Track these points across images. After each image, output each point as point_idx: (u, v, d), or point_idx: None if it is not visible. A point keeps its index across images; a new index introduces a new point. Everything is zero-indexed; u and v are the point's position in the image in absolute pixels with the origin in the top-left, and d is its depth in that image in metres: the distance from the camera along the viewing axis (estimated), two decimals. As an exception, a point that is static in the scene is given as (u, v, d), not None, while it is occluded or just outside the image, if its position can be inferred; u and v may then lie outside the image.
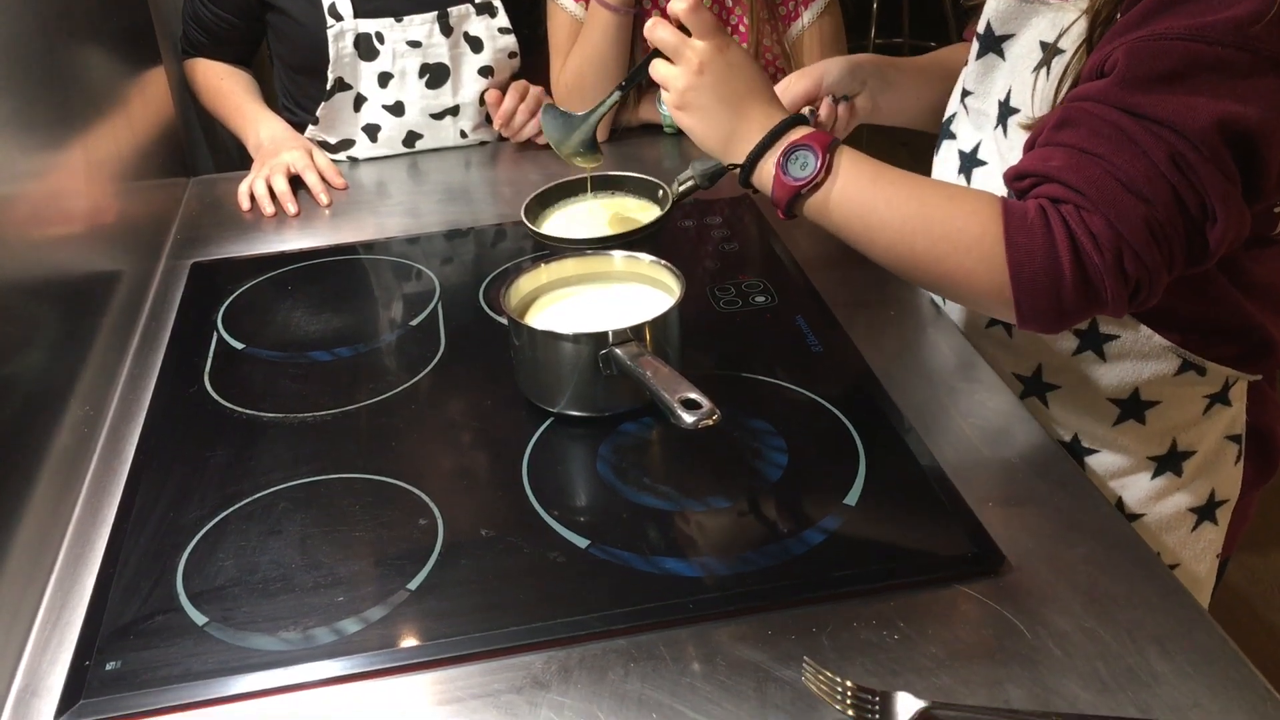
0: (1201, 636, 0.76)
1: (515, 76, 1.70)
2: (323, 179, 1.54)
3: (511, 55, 1.66)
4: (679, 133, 1.31)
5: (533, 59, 1.71)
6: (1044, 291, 0.84)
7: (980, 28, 1.02)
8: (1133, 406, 1.02)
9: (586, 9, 1.59)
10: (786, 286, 1.22)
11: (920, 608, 0.80)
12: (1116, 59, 0.83)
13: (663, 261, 1.07)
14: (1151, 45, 0.81)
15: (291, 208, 1.49)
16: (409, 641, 0.79)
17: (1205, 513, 1.07)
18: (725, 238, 1.33)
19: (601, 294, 1.09)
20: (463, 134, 1.68)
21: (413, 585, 0.83)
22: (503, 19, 1.63)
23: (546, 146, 1.63)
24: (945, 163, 1.12)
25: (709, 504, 0.90)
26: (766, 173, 0.94)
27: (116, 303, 1.18)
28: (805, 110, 1.11)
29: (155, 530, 0.91)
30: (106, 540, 0.91)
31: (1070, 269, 0.83)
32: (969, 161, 1.07)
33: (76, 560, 0.89)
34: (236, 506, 0.93)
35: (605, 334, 0.95)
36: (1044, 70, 0.94)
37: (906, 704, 0.71)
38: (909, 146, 1.96)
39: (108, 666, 0.78)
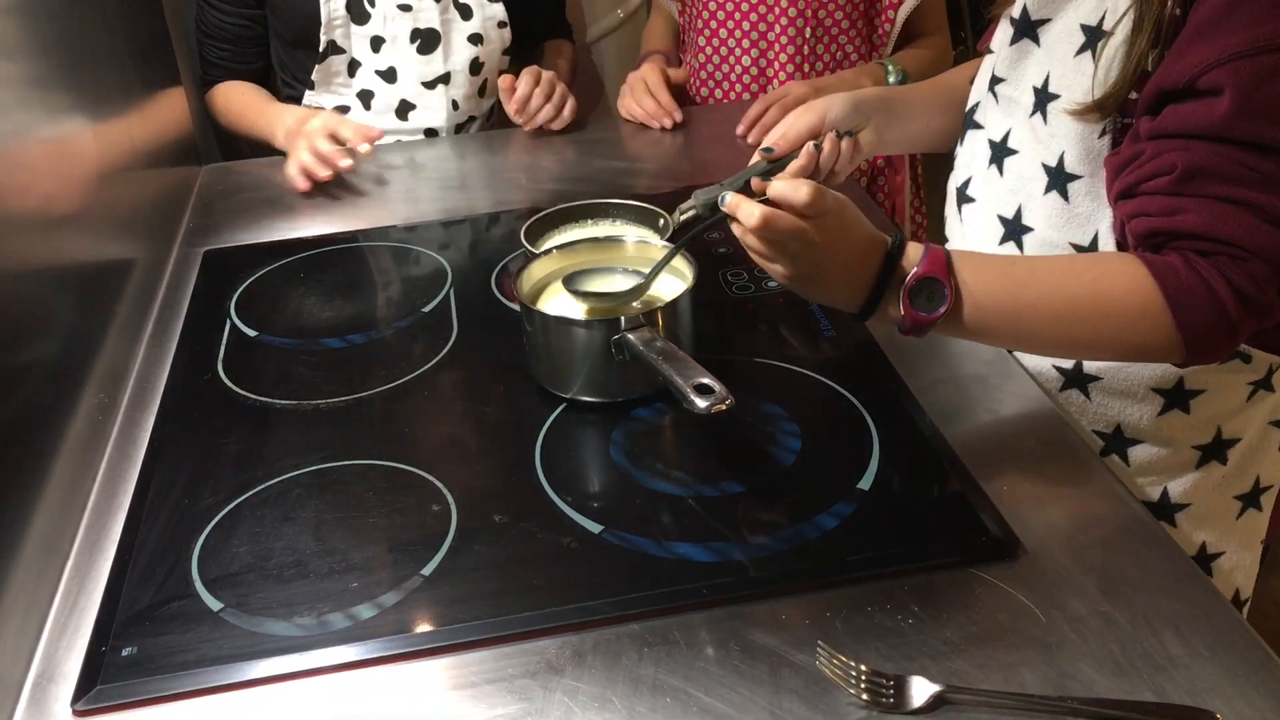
0: (1218, 620, 0.76)
1: (506, 50, 1.72)
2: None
3: (501, 25, 1.68)
4: None
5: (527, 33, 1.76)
6: (1220, 338, 0.86)
7: (1015, 12, 1.01)
8: (1177, 396, 1.01)
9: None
10: (799, 271, 1.22)
11: (935, 592, 0.79)
12: (1219, 83, 0.81)
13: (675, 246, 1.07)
14: (1256, 65, 0.80)
15: (345, 162, 1.48)
16: (423, 627, 0.79)
17: (1250, 499, 1.07)
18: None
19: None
20: (454, 105, 1.69)
21: (426, 571, 0.83)
22: None
23: (561, 133, 1.63)
24: (973, 153, 1.11)
25: (722, 489, 0.90)
26: (893, 312, 0.89)
27: (130, 291, 1.18)
28: (809, 145, 1.10)
29: (170, 517, 0.91)
30: (122, 527, 0.91)
31: (1238, 313, 0.84)
32: (1000, 151, 1.05)
33: (92, 547, 0.90)
34: (251, 493, 0.93)
35: (618, 319, 0.95)
36: (1088, 54, 0.93)
37: (921, 688, 0.71)
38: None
39: (124, 652, 0.78)
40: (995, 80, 1.05)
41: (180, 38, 1.67)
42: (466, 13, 1.64)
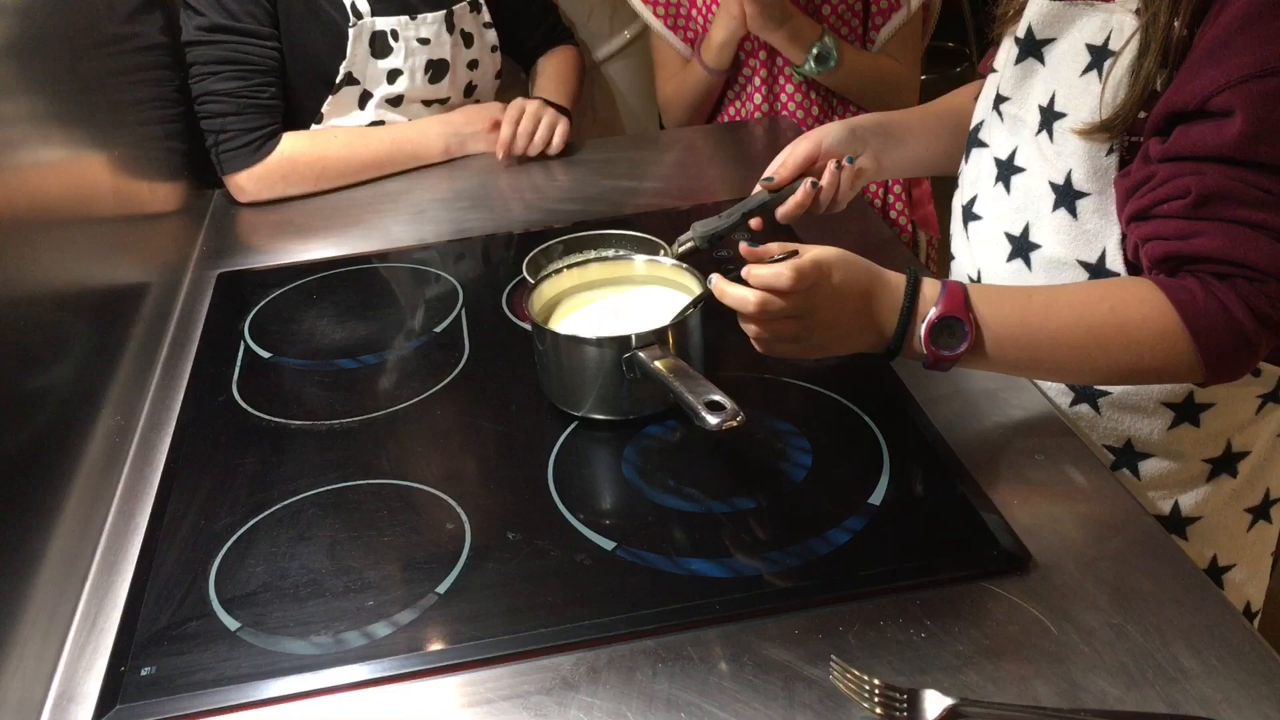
0: (1229, 632, 0.76)
1: (498, 74, 1.73)
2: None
3: (494, 49, 1.70)
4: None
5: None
6: (1241, 360, 0.87)
7: (1020, 32, 1.01)
8: (1187, 409, 1.01)
9: (692, 49, 1.73)
10: (808, 288, 1.22)
11: (947, 605, 0.80)
12: (1230, 105, 0.81)
13: (685, 265, 1.08)
14: (1267, 86, 0.80)
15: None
16: (438, 645, 0.80)
17: (1260, 512, 1.07)
18: (746, 240, 1.33)
19: (624, 298, 1.10)
20: None
21: (441, 589, 0.84)
22: (486, 14, 1.67)
23: (569, 153, 1.64)
24: (978, 171, 1.11)
25: (734, 505, 0.91)
26: (915, 350, 0.90)
27: (145, 314, 1.19)
28: (806, 181, 1.11)
29: (187, 537, 0.92)
30: (139, 547, 0.92)
31: (1256, 333, 0.85)
32: (1006, 169, 1.05)
33: (110, 567, 0.91)
34: (266, 513, 0.94)
35: (629, 338, 0.96)
36: (1094, 73, 0.93)
37: (935, 701, 0.71)
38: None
39: (143, 672, 0.79)
40: (1000, 99, 1.06)
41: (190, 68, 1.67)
42: (469, 41, 1.66)
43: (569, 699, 0.75)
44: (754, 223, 1.13)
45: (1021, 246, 1.04)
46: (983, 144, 1.11)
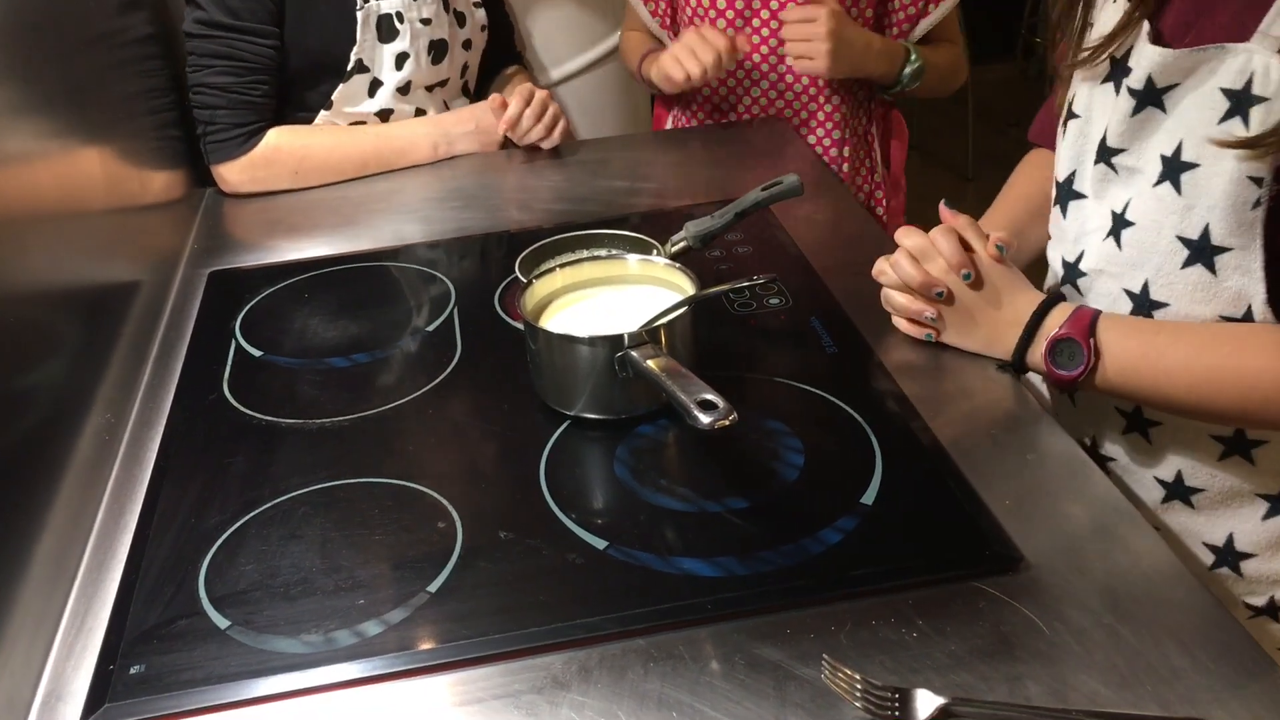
0: (1221, 631, 0.76)
1: (485, 52, 1.75)
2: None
3: (483, 28, 1.72)
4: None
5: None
6: None
7: (1134, 83, 0.93)
8: (1238, 443, 0.98)
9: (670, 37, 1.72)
10: (801, 288, 1.22)
11: (938, 605, 0.80)
12: None
13: (677, 264, 1.08)
14: None
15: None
16: (429, 643, 0.79)
17: None
18: (739, 240, 1.34)
19: (617, 297, 1.10)
20: (445, 106, 1.71)
21: (432, 588, 0.84)
22: None
23: (561, 153, 1.64)
24: (1081, 226, 1.04)
25: (726, 504, 0.90)
26: (1036, 363, 0.98)
27: (135, 312, 1.19)
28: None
29: (177, 536, 0.91)
30: (129, 546, 0.91)
31: None
32: (1119, 223, 0.98)
33: (100, 566, 0.90)
34: (257, 511, 0.93)
35: (621, 337, 0.96)
36: (1236, 119, 0.87)
37: (926, 701, 0.71)
38: (943, 164, 1.93)
39: (132, 670, 0.79)
40: (1110, 151, 0.98)
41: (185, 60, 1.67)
42: (461, 20, 1.67)
43: (560, 698, 0.75)
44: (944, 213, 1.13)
45: (1143, 304, 0.98)
46: (1078, 195, 1.04)
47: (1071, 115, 1.03)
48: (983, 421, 1.00)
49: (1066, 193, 1.05)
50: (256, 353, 1.18)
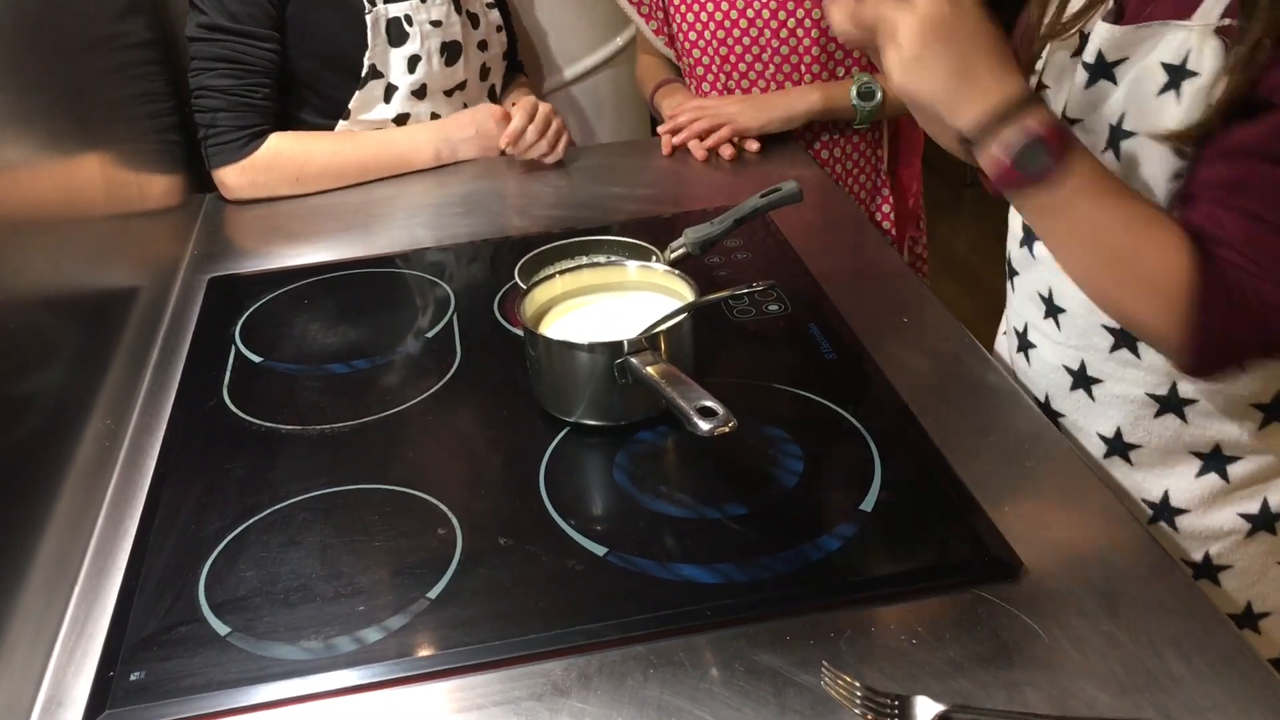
0: (1220, 639, 0.76)
1: (505, 54, 1.75)
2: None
3: (499, 29, 1.72)
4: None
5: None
6: (1224, 356, 0.86)
7: (1088, 57, 0.97)
8: (1171, 401, 1.00)
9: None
10: (800, 295, 1.23)
11: (937, 612, 0.80)
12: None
13: (676, 271, 1.08)
14: None
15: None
16: (429, 650, 0.79)
17: None
18: (738, 246, 1.34)
19: (616, 303, 1.10)
20: (464, 106, 1.72)
21: (432, 594, 0.84)
22: None
23: (554, 167, 1.64)
24: None
25: (726, 511, 0.91)
26: (991, 154, 0.84)
27: (135, 318, 1.19)
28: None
29: (177, 542, 0.91)
30: (129, 552, 0.91)
31: (1254, 337, 0.83)
32: None
33: (100, 572, 0.90)
34: (257, 518, 0.93)
35: (620, 343, 0.96)
36: (1172, 93, 0.90)
37: (925, 708, 0.71)
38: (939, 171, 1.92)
39: (132, 677, 0.79)
40: (1070, 122, 1.01)
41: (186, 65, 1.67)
42: (475, 21, 1.68)
43: (560, 705, 0.75)
44: None
45: None
46: None
47: (1042, 86, 1.06)
48: (982, 429, 1.00)
49: None
50: (256, 359, 1.18)
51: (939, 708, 0.71)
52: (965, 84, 0.83)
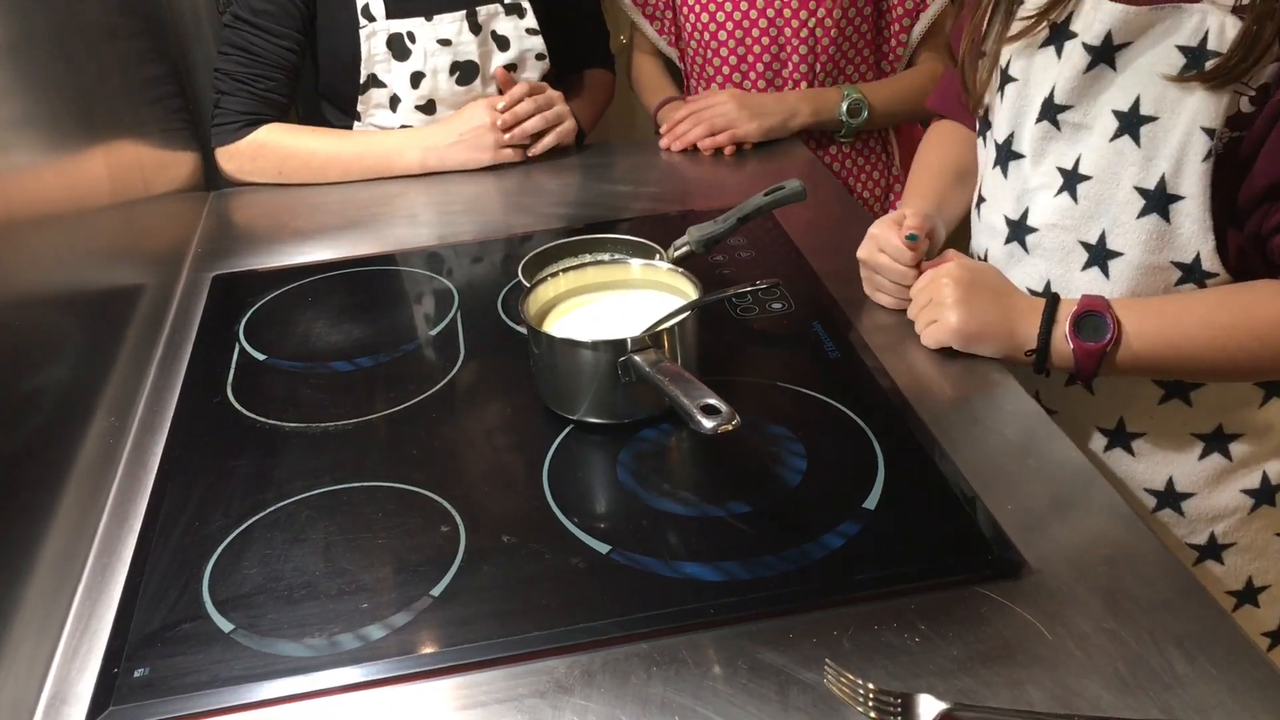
0: (1224, 637, 0.76)
1: (544, 80, 1.72)
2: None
3: (539, 57, 1.69)
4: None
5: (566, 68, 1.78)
6: None
7: (1092, 39, 0.97)
8: (1177, 387, 1.03)
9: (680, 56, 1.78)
10: (803, 293, 1.23)
11: (941, 610, 0.80)
12: None
13: (680, 269, 1.08)
14: None
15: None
16: (432, 647, 0.80)
17: None
18: (741, 245, 1.34)
19: (620, 301, 1.10)
20: None
21: (436, 591, 0.84)
22: (531, 20, 1.65)
23: (564, 157, 1.64)
24: (1023, 185, 1.08)
25: (729, 509, 0.91)
26: (1063, 349, 0.99)
27: (140, 316, 1.19)
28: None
29: (181, 539, 0.92)
30: (133, 549, 0.92)
31: None
32: (1073, 178, 1.03)
33: (104, 569, 0.90)
34: (261, 515, 0.94)
35: (624, 341, 0.96)
36: (1195, 74, 0.91)
37: (929, 706, 0.71)
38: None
39: (136, 674, 0.79)
40: (1057, 109, 1.02)
41: (193, 65, 1.68)
42: (504, 44, 1.65)
43: (563, 702, 0.75)
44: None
45: (1099, 254, 1.02)
46: (1017, 155, 1.08)
47: (1008, 79, 1.06)
48: (985, 426, 1.00)
49: (1006, 154, 1.10)
50: (260, 356, 1.18)
51: (942, 705, 0.71)
52: (1009, 309, 1.03)
